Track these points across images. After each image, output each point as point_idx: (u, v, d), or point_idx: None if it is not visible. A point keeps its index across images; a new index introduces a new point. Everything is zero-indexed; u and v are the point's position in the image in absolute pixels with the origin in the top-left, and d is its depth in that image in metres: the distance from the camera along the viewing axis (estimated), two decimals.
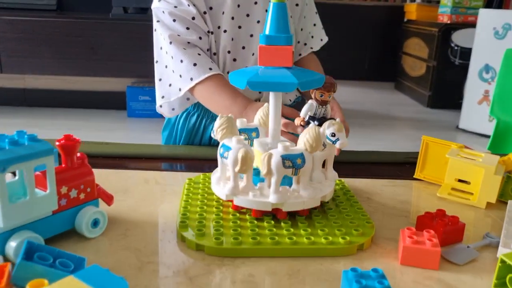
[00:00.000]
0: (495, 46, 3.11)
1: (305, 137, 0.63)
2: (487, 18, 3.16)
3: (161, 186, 0.81)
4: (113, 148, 0.96)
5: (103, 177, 0.83)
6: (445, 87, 3.93)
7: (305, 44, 1.20)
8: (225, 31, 1.06)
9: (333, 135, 0.67)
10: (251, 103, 0.98)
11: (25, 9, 3.21)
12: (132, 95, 3.33)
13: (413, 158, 0.96)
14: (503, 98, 1.52)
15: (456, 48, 3.77)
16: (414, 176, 0.89)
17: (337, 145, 0.67)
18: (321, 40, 1.23)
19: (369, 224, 0.66)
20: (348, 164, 0.96)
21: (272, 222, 0.65)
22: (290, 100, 1.19)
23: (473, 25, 3.60)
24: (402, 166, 0.96)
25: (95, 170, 0.86)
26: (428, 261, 0.58)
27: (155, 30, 1.07)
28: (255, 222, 0.65)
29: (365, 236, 0.63)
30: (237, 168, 0.63)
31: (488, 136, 2.84)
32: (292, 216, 0.67)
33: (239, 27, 1.06)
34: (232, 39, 1.07)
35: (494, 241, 0.64)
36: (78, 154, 0.63)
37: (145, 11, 3.14)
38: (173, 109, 1.14)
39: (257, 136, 0.74)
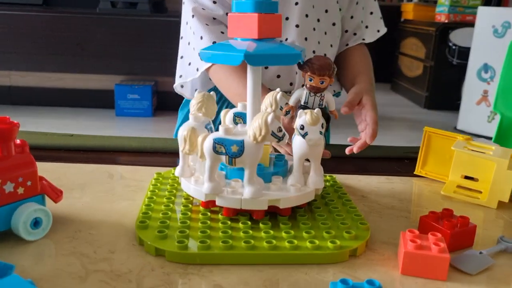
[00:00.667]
0: (495, 45, 3.02)
1: (253, 124, 0.53)
2: (486, 16, 3.08)
3: (126, 181, 0.71)
4: (79, 140, 0.86)
5: (60, 171, 0.74)
6: (442, 88, 3.84)
7: (355, 34, 1.06)
8: None
9: (302, 127, 0.54)
10: (267, 94, 0.87)
11: (10, 3, 3.09)
12: (121, 93, 3.22)
13: (413, 153, 0.86)
14: (507, 92, 1.41)
15: (454, 47, 3.68)
16: (414, 173, 0.79)
17: (305, 140, 0.54)
18: (378, 31, 1.07)
19: (364, 225, 0.56)
20: (340, 159, 0.86)
21: (249, 223, 0.55)
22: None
23: (471, 24, 3.51)
24: (400, 161, 0.87)
25: (54, 164, 0.77)
26: (434, 270, 0.48)
27: (184, 3, 0.97)
28: (229, 223, 0.55)
29: (358, 240, 0.53)
30: (181, 147, 0.58)
31: (487, 138, 2.74)
32: (273, 216, 0.57)
33: None
34: None
35: (511, 246, 0.54)
36: (18, 141, 0.53)
37: (134, 6, 3.03)
38: (196, 90, 1.05)
39: None
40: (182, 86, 1.04)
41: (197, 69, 0.95)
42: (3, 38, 3.04)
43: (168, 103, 3.32)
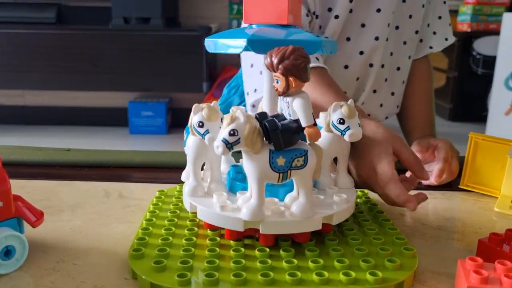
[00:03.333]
0: None
1: None
2: None
3: (124, 200, 0.62)
4: (75, 156, 0.77)
5: (52, 190, 0.65)
6: (467, 99, 3.69)
7: (421, 40, 0.90)
8: (336, 16, 0.79)
9: (342, 121, 0.47)
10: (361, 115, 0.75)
11: (23, 22, 3.07)
12: (134, 111, 3.14)
13: None
14: None
15: (478, 56, 3.54)
16: (459, 186, 0.68)
17: (346, 136, 0.47)
18: (446, 39, 0.92)
19: (409, 251, 0.45)
20: None
21: (267, 250, 0.45)
22: (387, 118, 0.92)
23: (495, 33, 3.38)
24: None
25: (45, 182, 0.68)
26: None
27: None
28: (242, 250, 0.45)
29: (404, 271, 0.42)
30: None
31: None
32: (296, 242, 0.46)
33: (351, 11, 0.80)
34: (342, 27, 0.81)
35: None
36: None
37: (147, 21, 2.98)
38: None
39: None
40: (253, 106, 0.87)
41: None
42: (16, 57, 3.01)
43: (183, 120, 3.20)
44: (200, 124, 0.45)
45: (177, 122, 3.33)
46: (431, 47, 0.90)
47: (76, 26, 3.13)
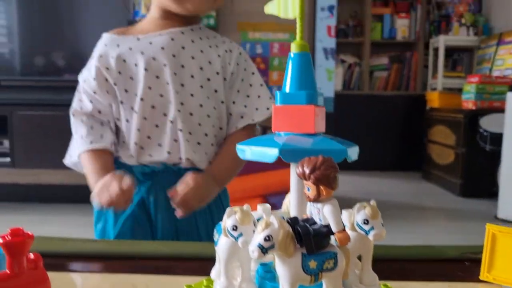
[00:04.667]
0: None
1: None
2: None
3: None
4: (102, 247, 0.79)
5: (78, 283, 0.66)
6: (477, 175, 3.71)
7: (242, 117, 1.09)
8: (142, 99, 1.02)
9: (366, 222, 0.49)
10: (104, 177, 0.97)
11: (40, 104, 3.21)
12: None
13: (473, 254, 0.76)
14: None
15: (485, 133, 3.60)
16: (479, 277, 0.69)
17: (371, 236, 0.49)
18: (268, 109, 1.09)
19: None
20: (390, 263, 0.76)
21: None
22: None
23: (499, 110, 3.46)
24: (460, 264, 0.76)
25: (73, 275, 0.70)
26: None
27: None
28: None
29: None
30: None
31: None
32: None
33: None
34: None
35: None
36: (31, 256, 0.47)
37: None
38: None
39: None
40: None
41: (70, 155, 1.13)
42: (32, 137, 3.12)
43: None
44: (234, 227, 0.47)
45: None
46: (253, 119, 1.08)
47: None
